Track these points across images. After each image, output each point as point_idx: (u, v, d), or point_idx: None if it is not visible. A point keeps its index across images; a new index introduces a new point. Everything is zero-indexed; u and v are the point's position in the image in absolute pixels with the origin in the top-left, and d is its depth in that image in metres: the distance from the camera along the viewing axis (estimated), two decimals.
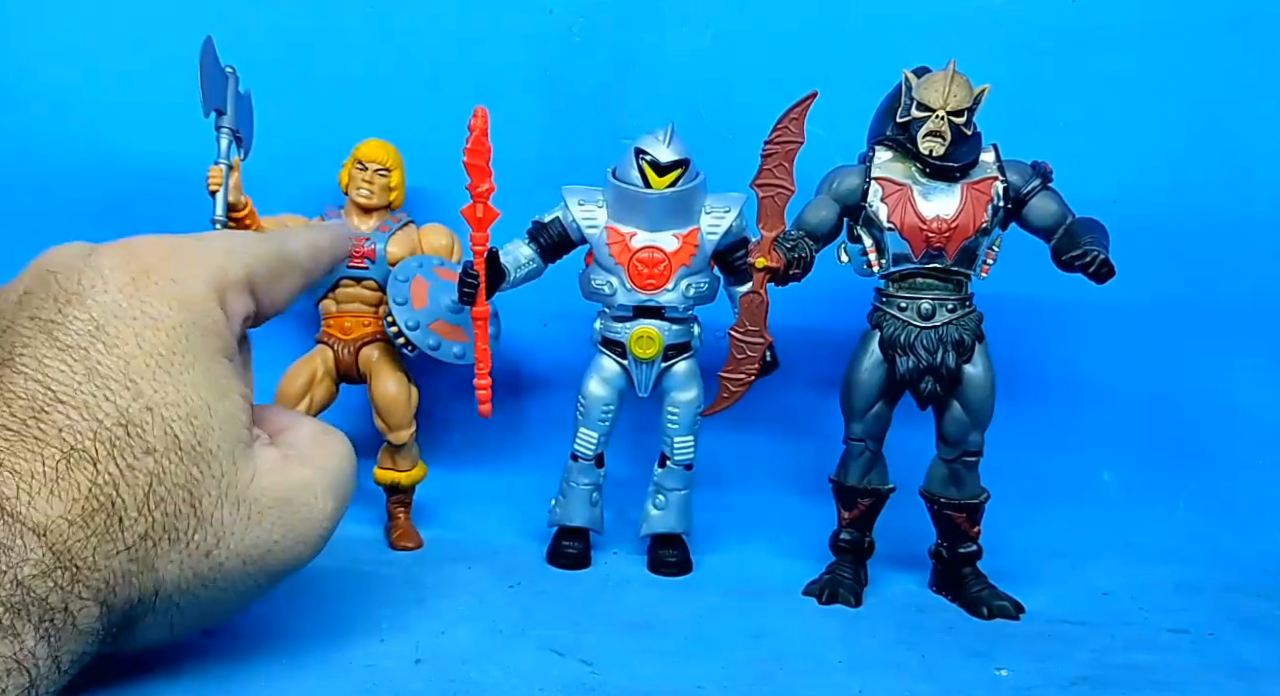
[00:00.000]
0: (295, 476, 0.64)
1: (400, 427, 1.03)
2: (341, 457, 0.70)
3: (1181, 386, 1.21)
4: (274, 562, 0.63)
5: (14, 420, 0.54)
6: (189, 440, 0.58)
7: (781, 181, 0.86)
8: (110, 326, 0.57)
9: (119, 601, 0.56)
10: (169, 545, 0.57)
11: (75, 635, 0.54)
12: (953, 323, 0.90)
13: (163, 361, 0.58)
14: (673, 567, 0.98)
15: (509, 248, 0.97)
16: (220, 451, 0.59)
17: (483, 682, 0.70)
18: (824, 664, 0.76)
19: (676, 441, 0.99)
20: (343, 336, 1.04)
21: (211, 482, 0.59)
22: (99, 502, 0.54)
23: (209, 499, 0.59)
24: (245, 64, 0.97)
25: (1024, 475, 1.10)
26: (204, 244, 0.65)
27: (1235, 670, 0.78)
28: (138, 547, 0.56)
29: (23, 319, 0.58)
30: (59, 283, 0.59)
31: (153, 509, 0.56)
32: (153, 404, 0.57)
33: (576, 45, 1.21)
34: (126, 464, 0.55)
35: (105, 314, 0.58)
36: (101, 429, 0.55)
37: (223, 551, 0.60)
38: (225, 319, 0.63)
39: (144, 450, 0.56)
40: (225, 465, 0.59)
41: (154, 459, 0.56)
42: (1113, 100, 1.19)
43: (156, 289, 0.60)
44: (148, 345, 0.58)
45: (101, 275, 0.59)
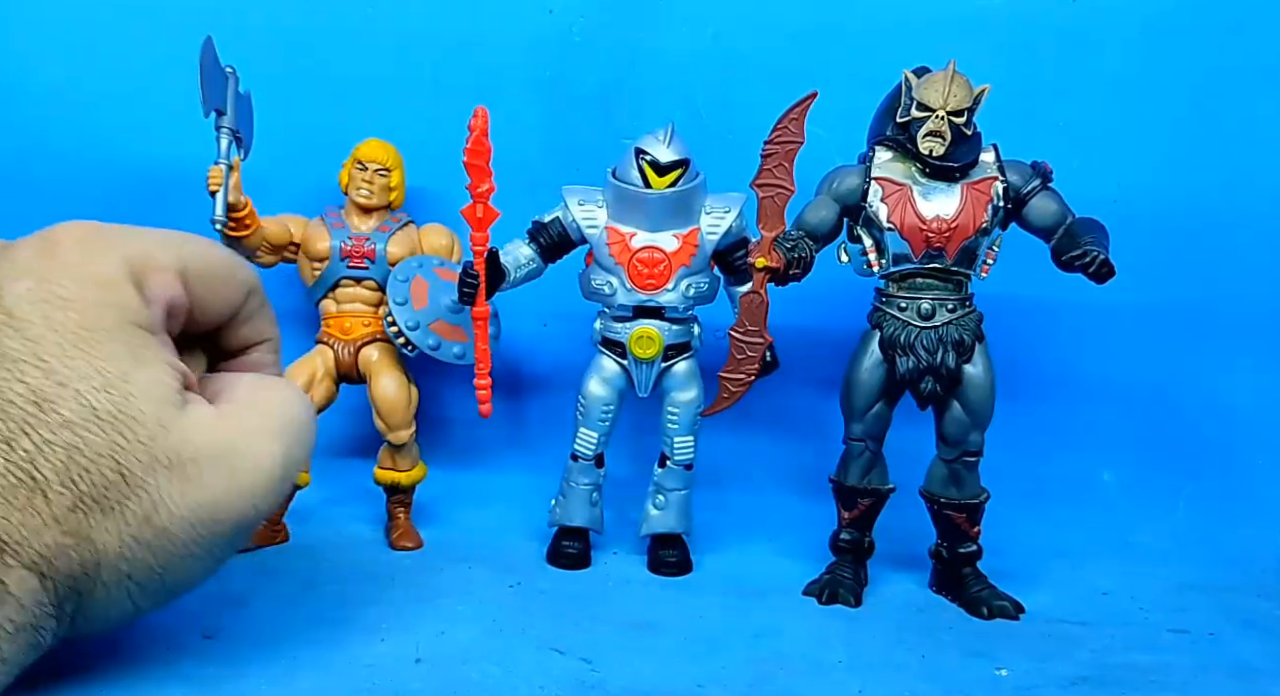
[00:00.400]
0: (230, 427, 0.62)
1: (400, 428, 1.03)
2: (284, 401, 0.68)
3: (1181, 386, 1.21)
4: (224, 519, 0.61)
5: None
6: (107, 409, 0.57)
7: (781, 181, 0.86)
8: (20, 311, 0.58)
9: (60, 575, 0.56)
10: (102, 515, 0.57)
11: (20, 610, 0.55)
12: (953, 323, 0.90)
13: (74, 338, 0.58)
14: (673, 567, 0.98)
15: (509, 248, 0.97)
16: (144, 415, 0.58)
17: (483, 682, 0.70)
18: (824, 664, 0.76)
19: (676, 441, 0.99)
20: (343, 336, 1.04)
21: (139, 448, 0.58)
22: (17, 478, 0.55)
23: (138, 464, 0.58)
24: (245, 64, 0.97)
25: (1024, 475, 1.10)
26: (134, 232, 0.65)
27: (1235, 670, 0.78)
28: (67, 520, 0.56)
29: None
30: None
31: (77, 481, 0.56)
32: (65, 379, 0.57)
33: (576, 45, 1.21)
34: (42, 439, 0.55)
35: (17, 301, 0.58)
36: (13, 407, 0.55)
37: (163, 515, 0.58)
38: (142, 297, 0.62)
39: (60, 424, 0.56)
40: (151, 428, 0.58)
41: (71, 431, 0.56)
42: (1113, 100, 1.19)
43: (67, 271, 0.60)
44: (58, 325, 0.58)
45: (15, 264, 0.60)
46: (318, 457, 1.04)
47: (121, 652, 0.69)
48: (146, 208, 1.20)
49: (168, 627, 0.74)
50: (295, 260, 1.07)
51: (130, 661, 0.67)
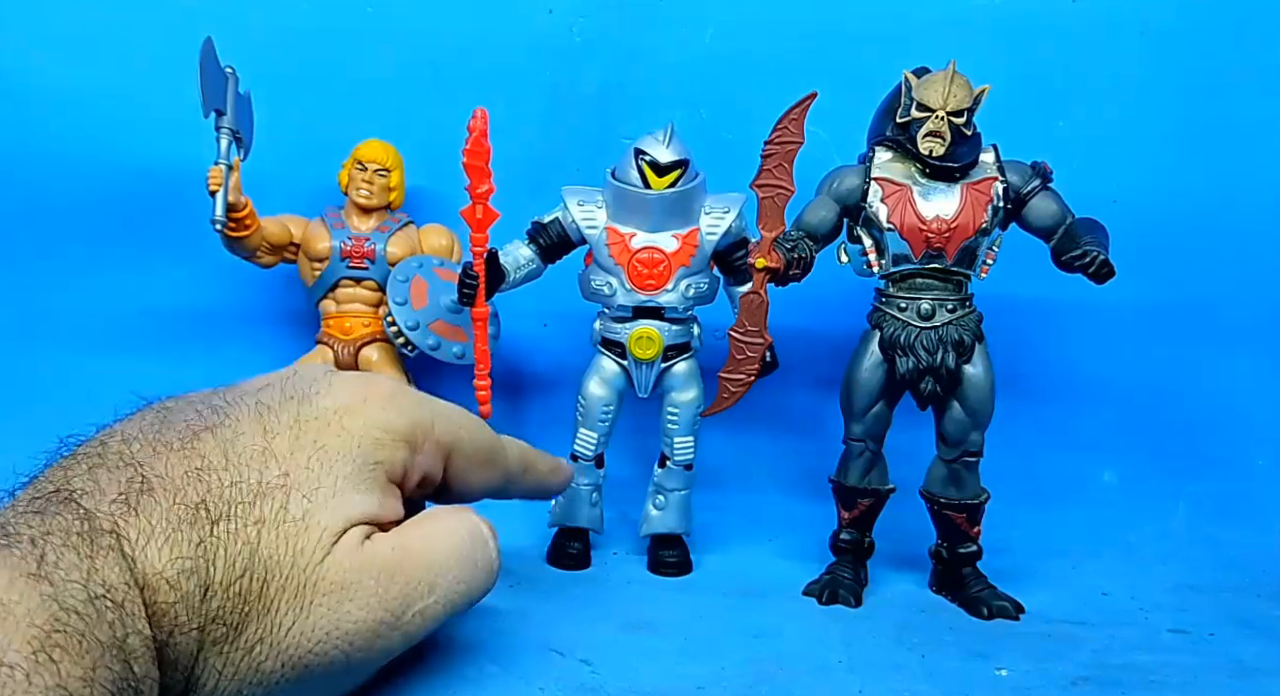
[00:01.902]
0: (361, 558, 0.58)
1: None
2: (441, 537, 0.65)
3: (1181, 386, 1.21)
4: (315, 665, 0.56)
5: (180, 474, 0.55)
6: (295, 514, 0.57)
7: (781, 181, 0.86)
8: (307, 423, 0.61)
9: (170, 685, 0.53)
10: (231, 633, 0.54)
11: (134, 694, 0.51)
12: (953, 323, 0.90)
13: (324, 455, 0.60)
14: (673, 568, 0.98)
15: (509, 248, 0.97)
16: (314, 527, 0.57)
17: (482, 682, 0.70)
18: (824, 664, 0.76)
19: (676, 441, 0.99)
20: (343, 336, 1.04)
21: (288, 558, 0.55)
22: (196, 565, 0.53)
23: (278, 578, 0.55)
24: (245, 64, 0.97)
25: (1024, 475, 1.10)
26: (433, 402, 0.70)
27: (1235, 670, 0.78)
28: (207, 628, 0.53)
29: (249, 401, 0.61)
30: (294, 382, 0.64)
31: (234, 582, 0.54)
32: (291, 483, 0.58)
33: (576, 45, 1.21)
34: (233, 528, 0.55)
35: (311, 413, 0.61)
36: (236, 492, 0.56)
37: (265, 648, 0.55)
38: (406, 457, 0.65)
39: (255, 520, 0.55)
40: (309, 540, 0.56)
41: (259, 529, 0.55)
42: (1113, 100, 1.19)
43: (364, 410, 0.63)
44: (321, 441, 0.60)
45: (331, 387, 0.64)
46: None
47: None
48: (147, 208, 1.20)
49: None
50: (295, 260, 1.07)
51: None
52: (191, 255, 1.17)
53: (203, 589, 0.53)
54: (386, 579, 0.59)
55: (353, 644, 0.58)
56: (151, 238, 1.21)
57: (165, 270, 1.20)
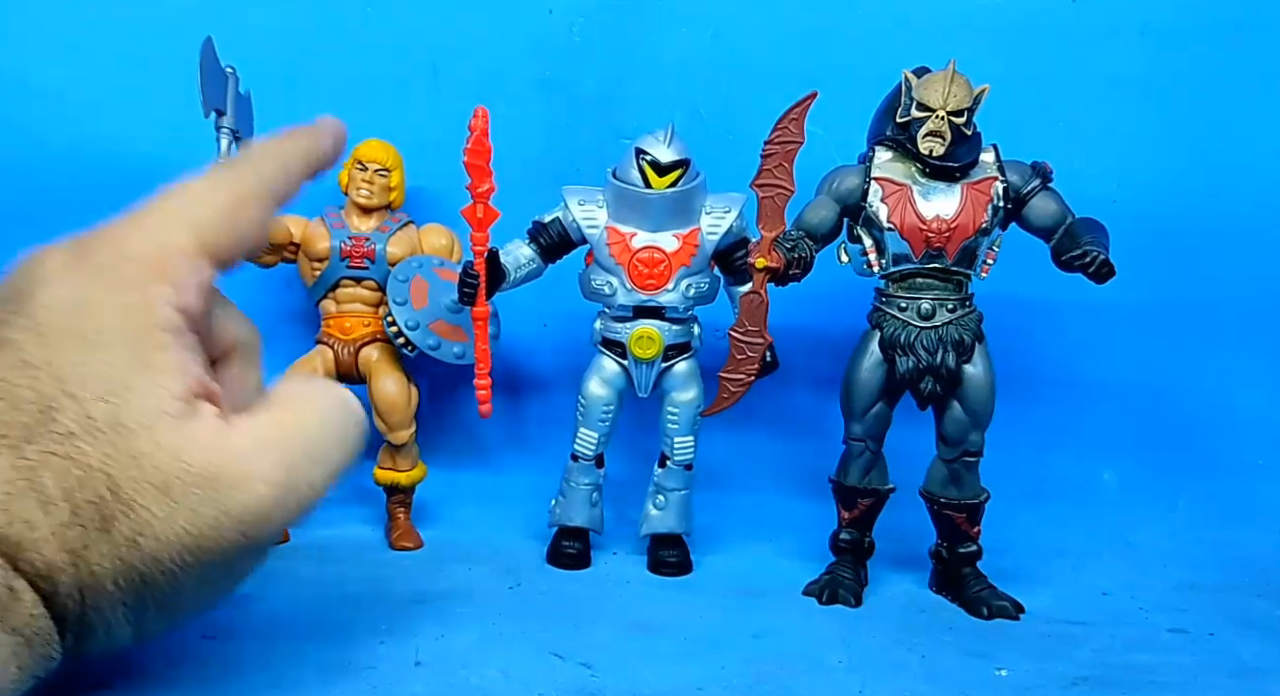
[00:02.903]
0: (227, 446, 0.58)
1: (400, 428, 1.03)
2: (308, 412, 0.64)
3: (1181, 386, 1.21)
4: (211, 546, 0.57)
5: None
6: (105, 419, 0.55)
7: (781, 181, 0.86)
8: (46, 317, 0.57)
9: (60, 594, 0.54)
10: (96, 533, 0.54)
11: (28, 616, 0.53)
12: (953, 322, 0.90)
13: (86, 343, 0.56)
14: (673, 568, 0.98)
15: (509, 248, 0.97)
16: (140, 429, 0.55)
17: (482, 686, 0.70)
18: (824, 664, 0.76)
19: (676, 441, 0.99)
20: (343, 336, 1.04)
21: (129, 462, 0.55)
22: (21, 487, 0.53)
23: (128, 480, 0.55)
24: (245, 64, 0.97)
25: (1024, 475, 1.10)
26: (141, 222, 0.63)
27: (1235, 670, 0.78)
28: (64, 536, 0.54)
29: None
30: (12, 283, 0.59)
31: (74, 493, 0.54)
32: (71, 388, 0.55)
33: (576, 45, 1.21)
34: (46, 449, 0.54)
35: (44, 309, 0.57)
36: (22, 414, 0.54)
37: (150, 539, 0.55)
38: (169, 292, 0.60)
39: (63, 433, 0.54)
40: (145, 443, 0.55)
41: (72, 443, 0.54)
42: (1113, 100, 1.19)
43: (92, 277, 0.59)
44: (76, 330, 0.57)
45: (47, 270, 0.59)
46: None
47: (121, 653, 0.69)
48: None
49: None
50: (295, 260, 1.07)
51: (130, 661, 0.67)
52: None
53: (40, 506, 0.53)
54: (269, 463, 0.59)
55: (247, 524, 0.58)
56: None
57: None
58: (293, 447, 0.61)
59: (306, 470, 0.62)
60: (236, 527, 0.57)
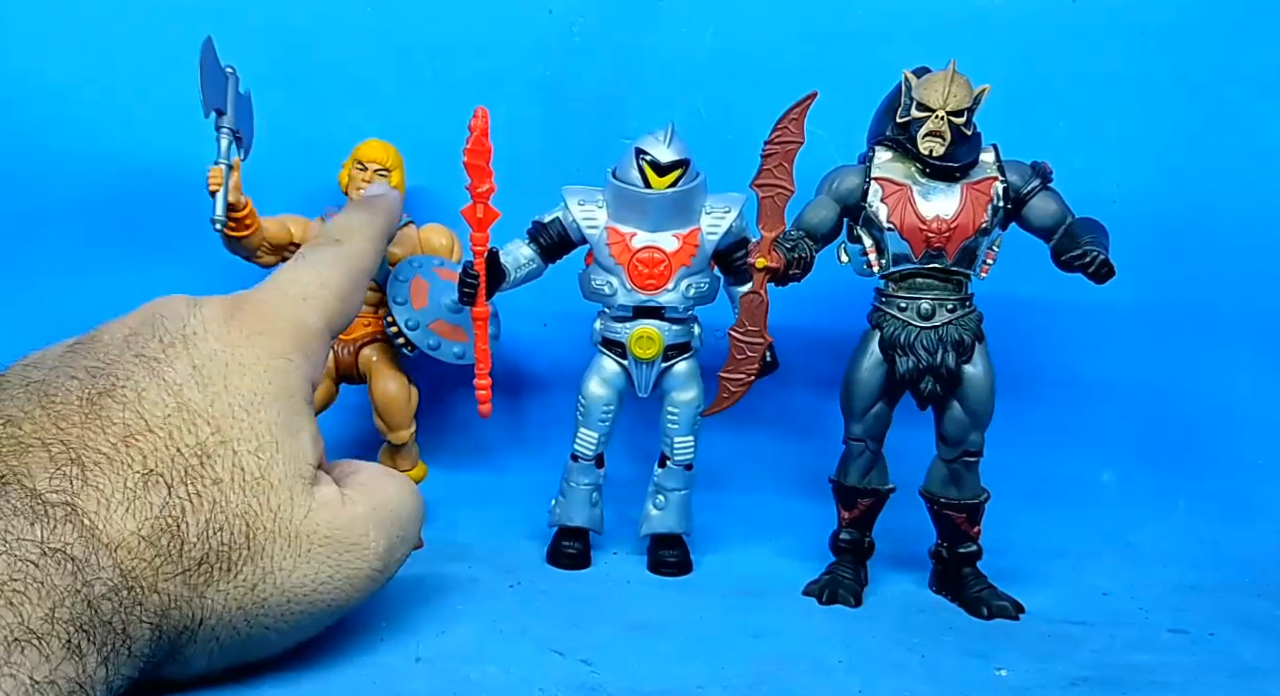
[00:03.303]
0: (348, 514, 0.66)
1: (400, 427, 1.03)
2: (396, 496, 0.73)
3: (1181, 386, 1.21)
4: (319, 602, 0.64)
5: (106, 444, 0.58)
6: (253, 472, 0.61)
7: (781, 181, 0.86)
8: (206, 368, 0.63)
9: (169, 627, 0.58)
10: (220, 574, 0.59)
11: (128, 659, 0.55)
12: (953, 322, 0.90)
13: (244, 401, 0.63)
14: (673, 568, 0.98)
15: (509, 248, 0.97)
16: (281, 485, 0.62)
17: (482, 682, 0.70)
18: (824, 664, 0.76)
19: (676, 441, 0.99)
20: (343, 336, 1.04)
21: (268, 515, 0.61)
22: (166, 524, 0.57)
23: (263, 531, 0.61)
24: (245, 64, 0.97)
25: (1024, 475, 1.10)
26: (287, 297, 0.72)
27: (1235, 670, 0.78)
28: (193, 573, 0.58)
29: (128, 356, 0.63)
30: (165, 326, 0.65)
31: (211, 536, 0.59)
32: (228, 438, 0.61)
33: (577, 45, 1.21)
34: (195, 491, 0.59)
35: (203, 357, 0.64)
36: (179, 457, 0.59)
37: (268, 586, 0.61)
38: (305, 365, 0.69)
39: (213, 480, 0.60)
40: (283, 498, 0.62)
41: (219, 488, 0.60)
42: (1113, 100, 1.19)
43: (248, 338, 0.66)
44: (234, 386, 0.63)
45: (204, 323, 0.66)
46: None
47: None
48: (147, 208, 1.20)
49: None
50: None
51: None
52: (191, 255, 1.17)
53: (179, 543, 0.58)
54: (378, 532, 0.68)
55: (354, 587, 0.67)
56: (151, 238, 1.21)
57: (165, 270, 1.20)
58: (392, 526, 0.70)
59: (398, 548, 0.71)
60: (343, 588, 0.66)
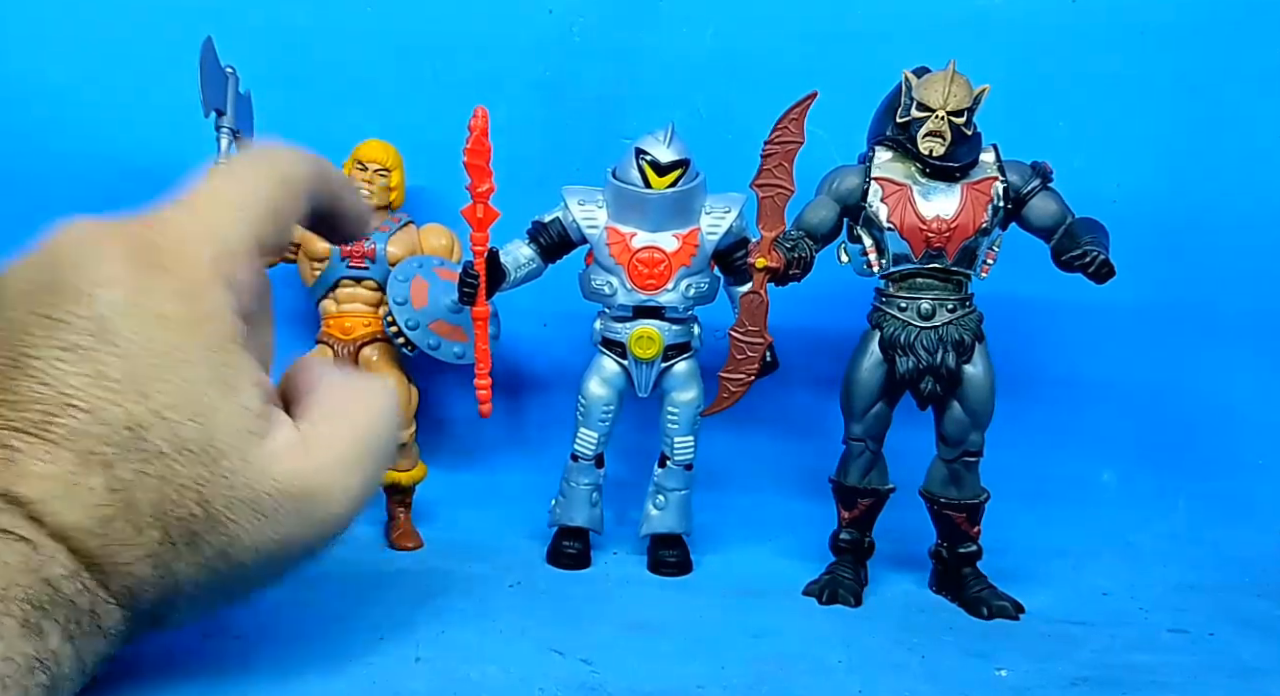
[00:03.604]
0: (311, 464, 0.61)
1: (400, 427, 1.02)
2: (366, 418, 0.67)
3: (1181, 386, 1.21)
4: (295, 550, 0.61)
5: (29, 424, 0.53)
6: (196, 440, 0.56)
7: (781, 181, 0.86)
8: (114, 324, 0.56)
9: (144, 605, 0.57)
10: (185, 548, 0.56)
11: (99, 635, 0.54)
12: (953, 323, 0.90)
13: (167, 360, 0.56)
14: (673, 567, 0.98)
15: (509, 248, 0.97)
16: (229, 449, 0.57)
17: (482, 682, 0.70)
18: (824, 664, 0.76)
19: (676, 441, 0.99)
20: (343, 336, 1.04)
21: (222, 483, 0.57)
22: (115, 510, 0.54)
23: (220, 499, 0.57)
24: (245, 64, 0.97)
25: (1024, 475, 1.10)
26: (198, 216, 0.63)
27: (1235, 670, 0.78)
28: (158, 554, 0.55)
29: (31, 318, 0.56)
30: (65, 276, 0.57)
31: (165, 513, 0.55)
32: (158, 406, 0.55)
33: (576, 45, 1.21)
34: (136, 468, 0.54)
35: (111, 311, 0.56)
36: (111, 432, 0.54)
37: (238, 550, 0.58)
38: (230, 297, 0.60)
39: (154, 453, 0.55)
40: (235, 462, 0.57)
41: (163, 462, 0.55)
42: (1113, 100, 1.19)
43: (159, 281, 0.58)
44: (153, 345, 0.56)
45: (105, 272, 0.57)
46: None
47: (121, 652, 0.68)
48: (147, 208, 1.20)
49: None
50: (295, 260, 1.07)
51: (130, 661, 0.67)
52: None
53: (133, 526, 0.54)
54: (346, 473, 0.63)
55: (330, 527, 0.63)
56: None
57: None
58: (366, 457, 0.65)
59: (376, 478, 0.66)
60: (319, 533, 0.62)
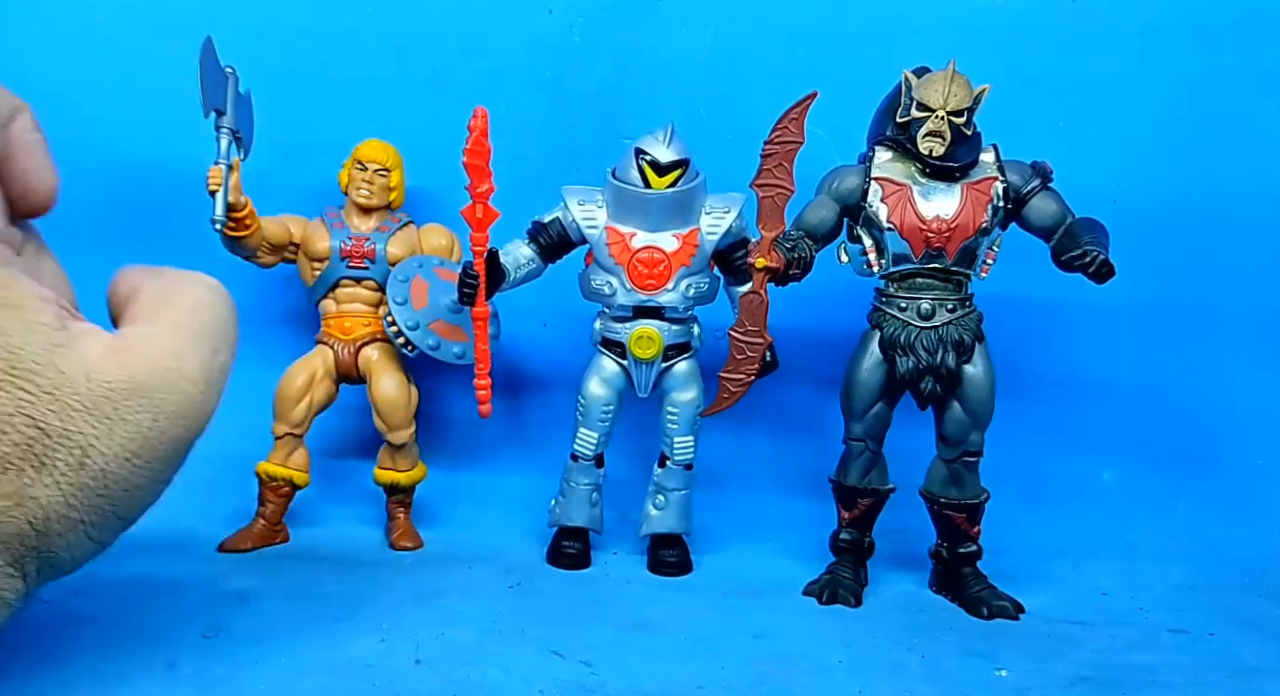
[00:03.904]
0: (137, 357, 0.59)
1: (400, 428, 1.03)
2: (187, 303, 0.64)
3: (1181, 386, 1.21)
4: (158, 446, 0.58)
5: None
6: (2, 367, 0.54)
7: (781, 181, 0.86)
8: None
9: (8, 536, 0.55)
10: (35, 471, 0.55)
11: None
12: (953, 323, 0.90)
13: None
14: (673, 567, 0.98)
15: (509, 248, 0.97)
16: (39, 365, 0.55)
17: (482, 683, 0.70)
18: (824, 664, 0.76)
19: (676, 441, 0.99)
20: (343, 336, 1.04)
21: (46, 398, 0.55)
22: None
23: (52, 415, 0.55)
24: (245, 64, 0.97)
25: (1024, 475, 1.10)
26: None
27: (1235, 670, 0.78)
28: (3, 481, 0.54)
29: None
30: None
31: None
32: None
33: (576, 45, 1.21)
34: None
35: None
36: None
37: (95, 458, 0.56)
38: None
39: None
40: (53, 376, 0.55)
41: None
42: (1113, 100, 1.19)
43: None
44: None
45: None
46: (318, 458, 1.05)
47: (121, 652, 0.69)
48: (147, 207, 1.20)
49: (168, 627, 0.74)
50: (295, 260, 1.07)
51: (130, 661, 0.67)
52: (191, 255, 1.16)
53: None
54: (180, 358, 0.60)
55: (187, 416, 0.60)
56: (151, 237, 1.20)
57: None
58: (196, 342, 0.62)
59: (214, 357, 0.62)
60: (179, 424, 0.59)
